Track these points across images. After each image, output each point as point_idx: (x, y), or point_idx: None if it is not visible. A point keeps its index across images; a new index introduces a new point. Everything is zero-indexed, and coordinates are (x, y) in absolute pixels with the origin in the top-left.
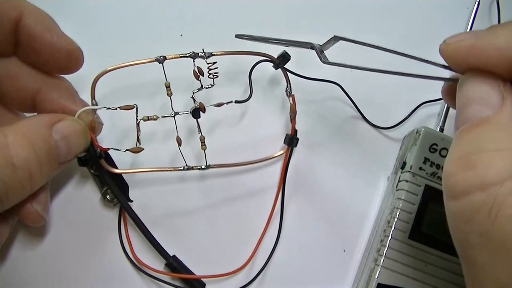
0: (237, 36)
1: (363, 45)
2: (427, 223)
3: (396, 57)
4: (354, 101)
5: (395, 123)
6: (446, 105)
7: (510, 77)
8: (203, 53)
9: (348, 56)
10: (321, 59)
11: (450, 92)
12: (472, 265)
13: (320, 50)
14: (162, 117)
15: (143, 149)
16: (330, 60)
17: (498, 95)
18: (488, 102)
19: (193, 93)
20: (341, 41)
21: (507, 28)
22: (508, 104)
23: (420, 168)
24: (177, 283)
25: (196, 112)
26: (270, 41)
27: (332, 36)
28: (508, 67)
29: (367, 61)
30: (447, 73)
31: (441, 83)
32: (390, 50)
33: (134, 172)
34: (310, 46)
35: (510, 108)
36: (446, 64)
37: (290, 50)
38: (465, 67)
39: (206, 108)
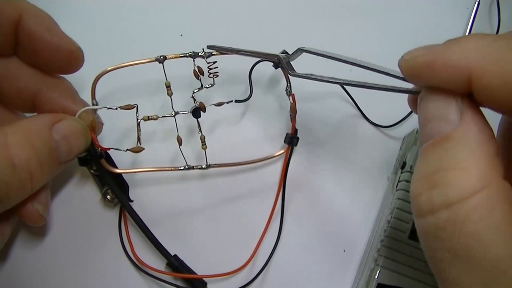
0: (209, 47)
1: (325, 57)
2: None
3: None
4: (355, 99)
5: (396, 122)
6: None
7: (467, 91)
8: (203, 53)
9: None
10: (288, 72)
11: (415, 102)
12: (444, 279)
13: (286, 62)
14: (163, 116)
15: (144, 148)
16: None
17: (456, 111)
18: (447, 118)
19: (194, 92)
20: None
21: (460, 45)
22: (466, 120)
23: None
24: (179, 283)
25: (197, 112)
26: (240, 52)
27: (297, 48)
28: (464, 83)
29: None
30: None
31: None
32: (351, 62)
33: (135, 172)
34: (277, 58)
35: (468, 123)
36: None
37: (288, 51)
38: (423, 83)
39: (206, 107)
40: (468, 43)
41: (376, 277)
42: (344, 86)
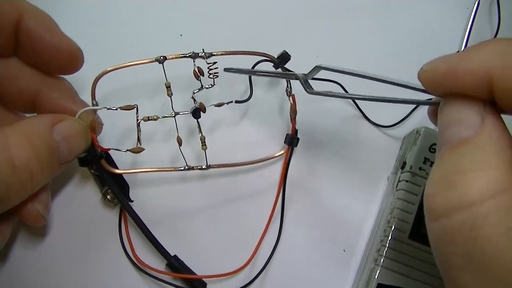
0: (225, 69)
1: (344, 73)
2: None
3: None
4: (355, 100)
5: (396, 122)
6: None
7: (488, 98)
8: (203, 53)
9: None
10: (306, 90)
11: (435, 114)
12: (455, 285)
13: (304, 81)
14: (163, 117)
15: (144, 149)
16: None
17: (477, 117)
18: (468, 123)
19: (194, 93)
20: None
21: (479, 51)
22: (487, 124)
23: (420, 168)
24: (179, 283)
25: (197, 112)
26: (257, 73)
27: (315, 66)
28: (484, 89)
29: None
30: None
31: None
32: (370, 77)
33: (135, 173)
34: (295, 76)
35: (489, 128)
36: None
37: (289, 51)
38: (444, 92)
39: (206, 108)
40: (487, 47)
41: (376, 277)
42: (344, 86)
